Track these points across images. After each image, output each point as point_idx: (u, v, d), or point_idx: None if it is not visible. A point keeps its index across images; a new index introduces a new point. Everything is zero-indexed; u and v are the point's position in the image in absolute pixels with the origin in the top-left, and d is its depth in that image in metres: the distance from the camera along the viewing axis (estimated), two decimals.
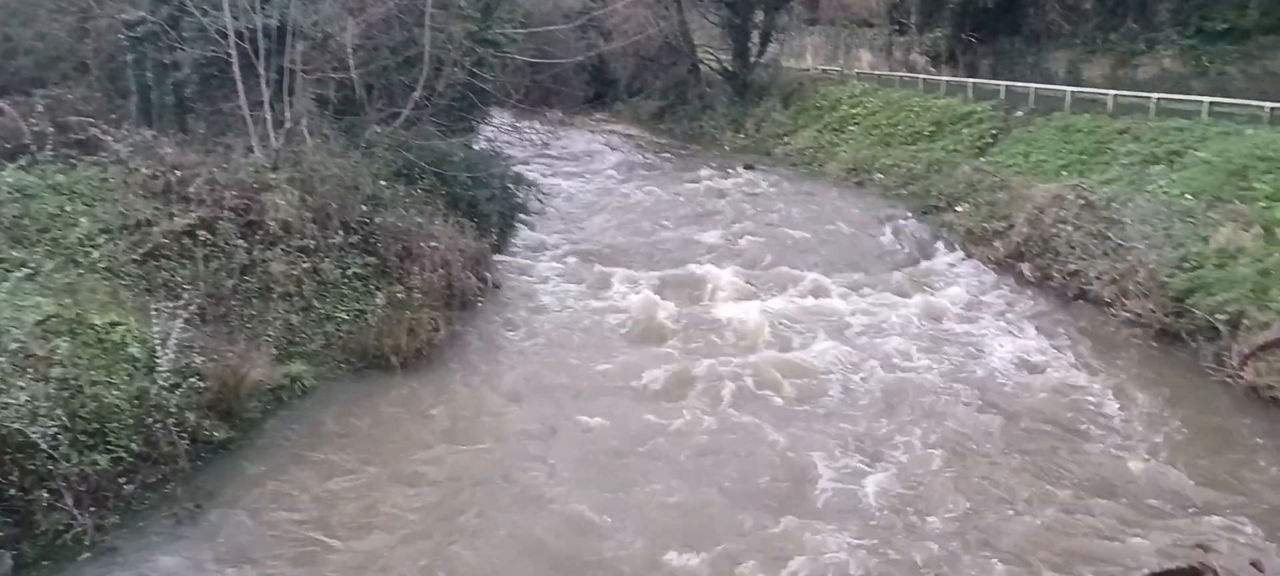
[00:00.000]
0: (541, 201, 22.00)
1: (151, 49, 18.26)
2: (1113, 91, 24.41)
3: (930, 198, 24.02)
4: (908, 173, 26.38)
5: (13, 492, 9.00)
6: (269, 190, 14.46)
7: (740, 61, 39.28)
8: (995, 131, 26.16)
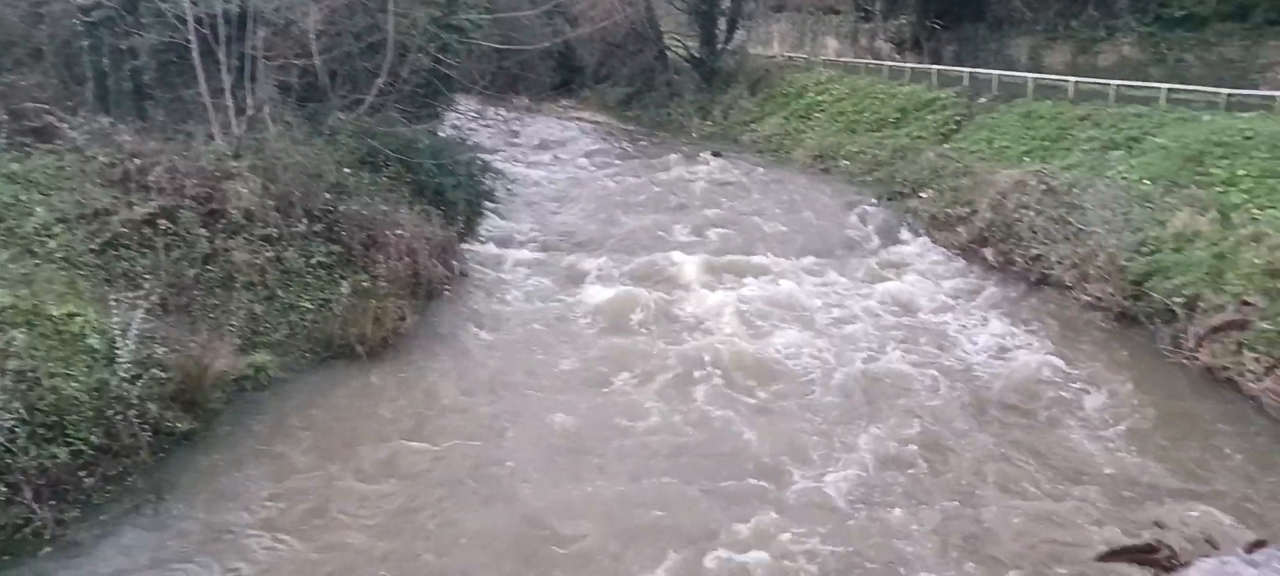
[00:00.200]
0: (509, 189, 21.90)
1: (108, 34, 17.88)
2: (1074, 78, 24.72)
3: (895, 184, 24.21)
4: (873, 159, 26.57)
5: None
6: (231, 178, 14.28)
7: (707, 48, 39.29)
8: (959, 118, 26.41)
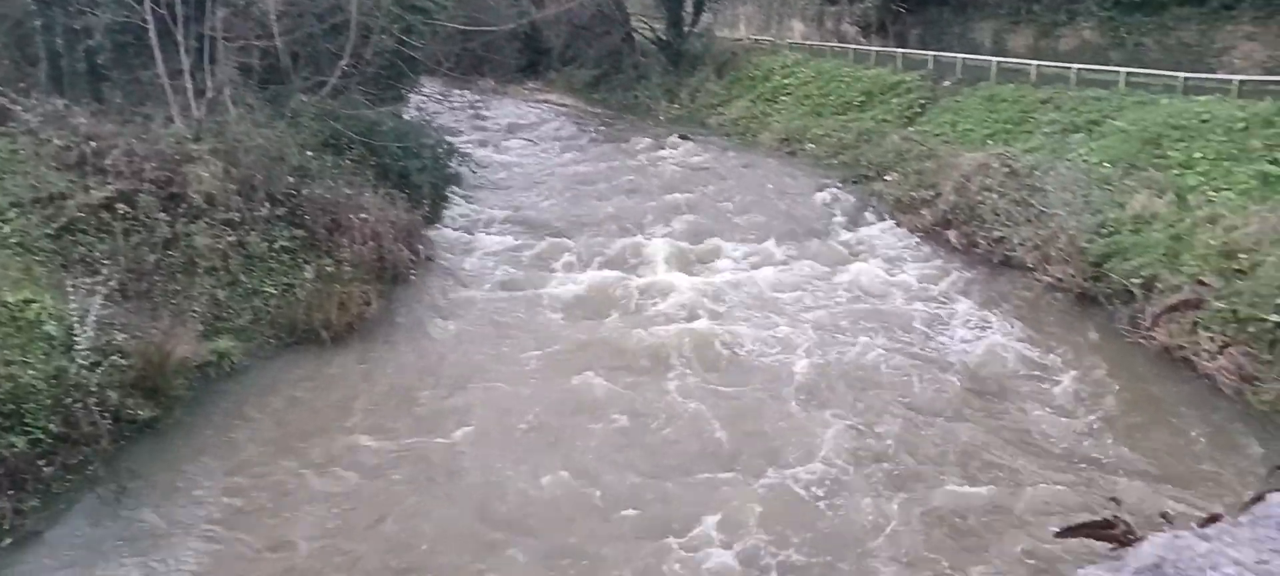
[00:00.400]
0: (475, 172, 21.76)
1: (61, 13, 17.49)
2: (1036, 62, 25.00)
3: (860, 167, 24.36)
4: (839, 142, 26.70)
5: None
6: (191, 161, 14.06)
7: (674, 31, 39.18)
8: (923, 101, 26.62)
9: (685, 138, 30.49)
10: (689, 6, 39.35)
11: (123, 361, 10.66)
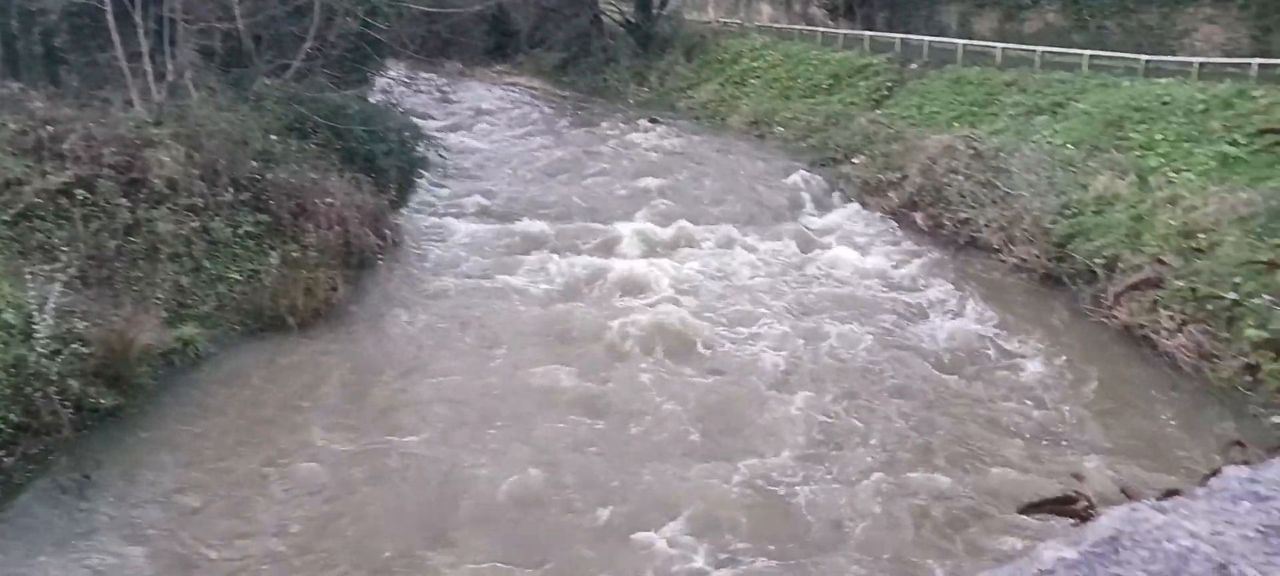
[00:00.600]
0: (443, 156, 21.59)
1: None
2: (1001, 45, 25.24)
3: (828, 150, 24.47)
4: (807, 125, 26.79)
5: None
6: (152, 146, 13.83)
7: (643, 13, 39.06)
8: (890, 84, 26.78)
9: (655, 121, 30.45)
10: None
11: (84, 349, 10.49)
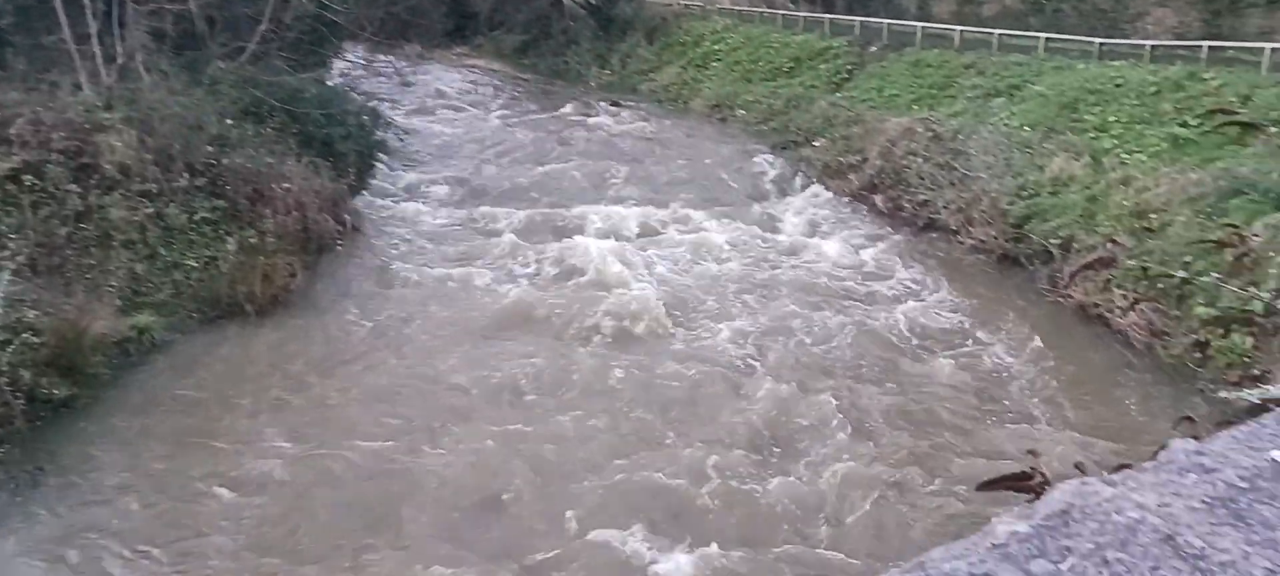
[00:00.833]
0: (402, 140, 21.37)
1: None
2: (959, 27, 25.51)
3: (790, 132, 24.59)
4: (768, 109, 26.91)
5: None
6: (103, 131, 13.52)
7: None
8: (851, 67, 26.96)
9: (617, 105, 30.37)
10: None
11: (35, 339, 10.27)
